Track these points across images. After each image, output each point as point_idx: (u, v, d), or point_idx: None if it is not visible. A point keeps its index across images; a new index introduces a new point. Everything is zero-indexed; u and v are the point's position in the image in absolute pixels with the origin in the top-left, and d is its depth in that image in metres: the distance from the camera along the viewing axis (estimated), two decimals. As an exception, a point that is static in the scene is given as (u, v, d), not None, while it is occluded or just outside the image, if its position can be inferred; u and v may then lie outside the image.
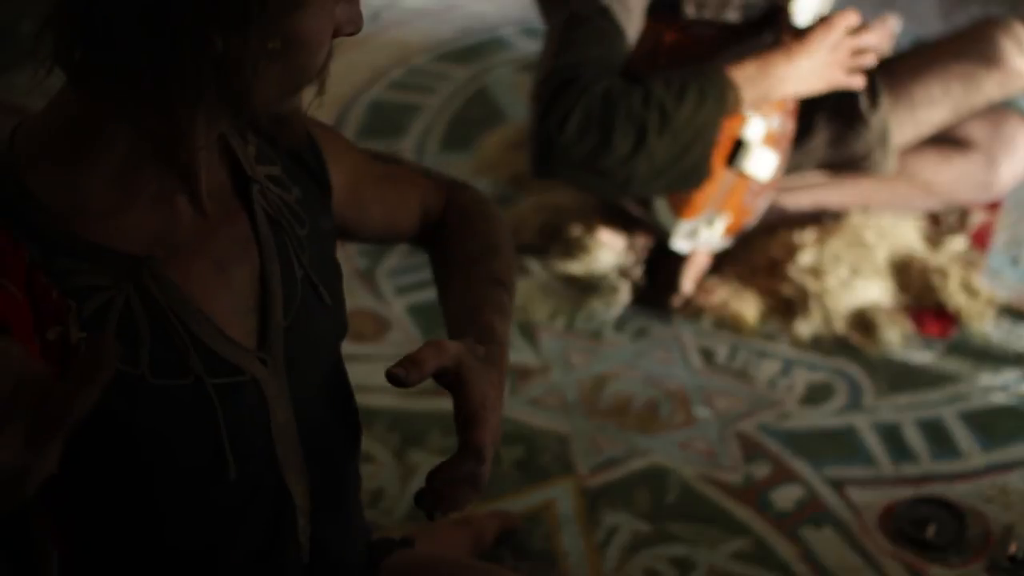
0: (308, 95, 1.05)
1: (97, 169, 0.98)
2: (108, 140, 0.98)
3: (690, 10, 2.23)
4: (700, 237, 2.30)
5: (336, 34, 1.00)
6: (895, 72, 2.38)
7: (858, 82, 2.24)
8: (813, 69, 2.18)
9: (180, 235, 1.03)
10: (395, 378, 1.04)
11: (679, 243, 2.31)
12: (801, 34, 2.19)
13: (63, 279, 0.95)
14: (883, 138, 2.37)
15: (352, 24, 1.01)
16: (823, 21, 2.21)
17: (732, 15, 2.25)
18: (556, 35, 2.19)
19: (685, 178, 2.21)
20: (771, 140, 2.26)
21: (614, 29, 2.15)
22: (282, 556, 1.13)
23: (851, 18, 2.21)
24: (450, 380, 1.09)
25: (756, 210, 2.36)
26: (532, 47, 3.17)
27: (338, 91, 3.05)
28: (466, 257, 1.30)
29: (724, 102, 2.14)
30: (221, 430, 1.02)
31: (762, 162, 2.24)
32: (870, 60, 2.24)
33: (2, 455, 0.69)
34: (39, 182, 0.97)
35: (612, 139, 2.11)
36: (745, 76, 2.15)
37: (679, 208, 2.27)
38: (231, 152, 1.10)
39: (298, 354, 1.10)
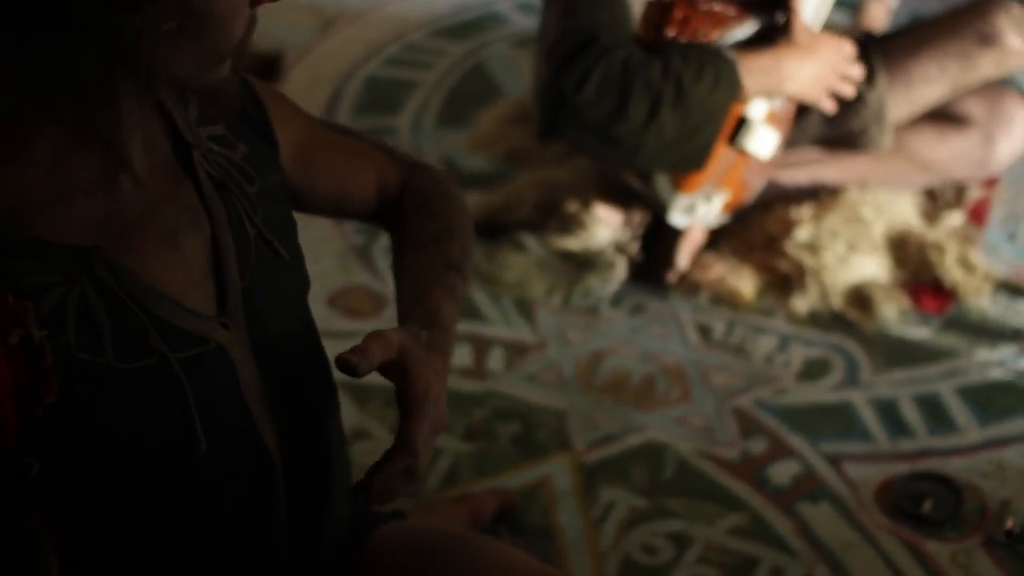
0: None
1: (29, 165, 0.97)
2: (34, 134, 0.96)
3: None
4: (698, 213, 2.30)
5: (257, 1, 0.98)
6: (892, 49, 2.38)
7: (831, 105, 2.27)
8: (811, 76, 2.21)
9: (126, 215, 1.02)
10: (347, 365, 1.02)
11: (676, 218, 2.31)
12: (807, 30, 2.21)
13: (15, 281, 0.94)
14: (879, 115, 2.37)
15: None
16: (831, 35, 2.25)
17: None
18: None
19: (688, 159, 2.21)
20: (773, 119, 2.26)
21: None
22: (266, 514, 1.14)
23: (851, 48, 2.26)
24: (393, 372, 1.07)
25: (754, 187, 2.36)
26: (528, 22, 3.17)
27: (334, 67, 3.04)
28: (421, 239, 1.28)
29: (736, 89, 2.14)
30: (190, 404, 1.02)
31: (763, 140, 2.24)
32: (850, 92, 2.28)
33: None
34: None
35: (628, 106, 2.11)
36: (759, 67, 2.16)
37: (679, 183, 2.26)
38: (171, 119, 1.09)
39: (260, 312, 1.10)
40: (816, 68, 2.21)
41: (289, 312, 1.17)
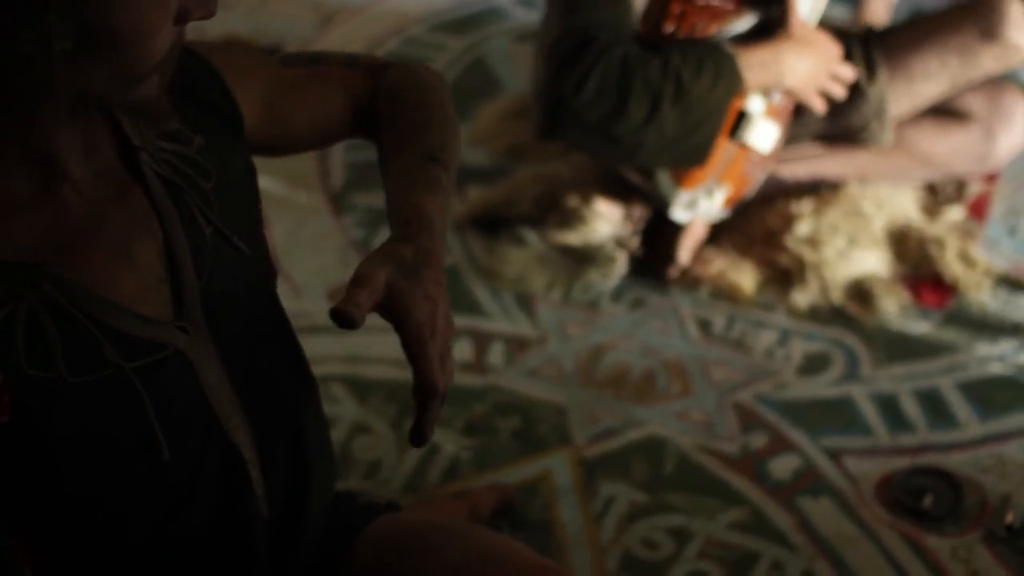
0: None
1: None
2: None
3: None
4: (699, 208, 2.30)
5: (183, 19, 0.96)
6: (893, 45, 2.37)
7: (821, 105, 2.27)
8: (809, 70, 2.21)
9: (72, 227, 1.00)
10: (344, 318, 0.97)
11: (678, 213, 2.30)
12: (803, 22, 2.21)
13: None
14: (880, 111, 2.37)
15: (202, 7, 0.97)
16: (824, 33, 2.25)
17: None
18: None
19: (689, 156, 2.21)
20: (772, 113, 2.26)
21: None
22: (242, 512, 1.13)
23: (839, 49, 2.26)
24: (386, 313, 1.03)
25: (755, 181, 2.36)
26: (529, 17, 3.16)
27: (334, 61, 3.03)
28: (397, 137, 1.22)
29: (736, 84, 2.14)
30: (148, 412, 1.01)
31: (764, 134, 2.24)
32: (840, 93, 2.27)
33: None
34: None
35: (628, 105, 2.11)
36: (759, 61, 2.16)
37: (680, 178, 2.26)
38: (117, 122, 1.07)
39: (221, 310, 1.09)
40: (813, 62, 2.21)
41: (253, 307, 1.15)
